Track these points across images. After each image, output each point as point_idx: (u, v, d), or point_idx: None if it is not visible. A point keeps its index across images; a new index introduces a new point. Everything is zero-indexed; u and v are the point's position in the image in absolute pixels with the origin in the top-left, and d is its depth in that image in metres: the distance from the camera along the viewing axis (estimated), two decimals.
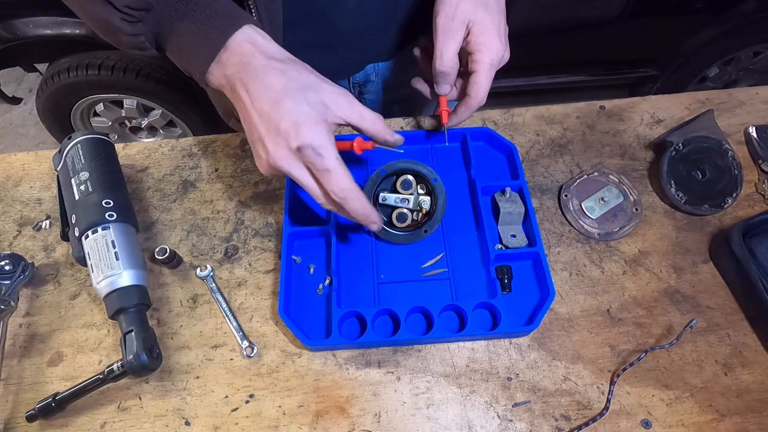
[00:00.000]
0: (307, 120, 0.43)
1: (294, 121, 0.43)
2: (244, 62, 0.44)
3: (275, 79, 0.44)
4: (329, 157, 0.43)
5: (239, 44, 0.44)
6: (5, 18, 1.34)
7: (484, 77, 0.53)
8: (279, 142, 0.44)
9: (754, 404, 0.52)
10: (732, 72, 1.73)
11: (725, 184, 0.63)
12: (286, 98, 0.43)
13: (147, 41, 0.46)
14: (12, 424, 0.52)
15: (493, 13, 0.53)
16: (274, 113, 0.43)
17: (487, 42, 0.52)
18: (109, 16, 0.43)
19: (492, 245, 0.59)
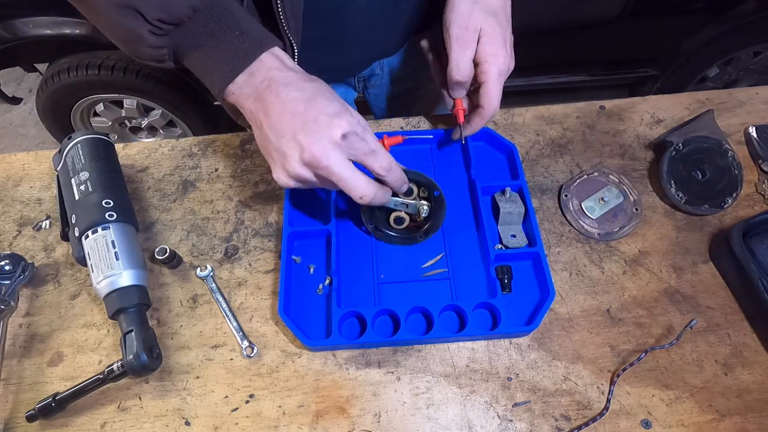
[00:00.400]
0: (343, 112, 0.45)
1: (333, 112, 0.44)
2: (272, 74, 0.46)
3: (307, 84, 0.46)
4: (372, 139, 0.46)
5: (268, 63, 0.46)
6: (5, 18, 1.34)
7: (494, 87, 0.54)
8: (319, 133, 0.44)
9: (754, 404, 0.52)
10: (732, 72, 1.73)
11: (725, 184, 0.63)
12: (320, 96, 0.45)
13: (167, 54, 0.47)
14: (12, 424, 0.52)
15: (501, 24, 0.54)
16: (311, 109, 0.44)
17: (494, 53, 0.53)
18: (138, 28, 0.43)
19: (492, 245, 0.59)
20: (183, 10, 0.43)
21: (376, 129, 0.73)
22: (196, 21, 0.45)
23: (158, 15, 0.43)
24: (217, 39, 0.46)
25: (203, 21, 0.45)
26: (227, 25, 0.45)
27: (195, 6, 0.44)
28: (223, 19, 0.45)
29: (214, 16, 0.45)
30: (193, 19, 0.45)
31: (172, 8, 0.43)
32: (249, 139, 0.73)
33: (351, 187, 0.46)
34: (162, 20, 0.43)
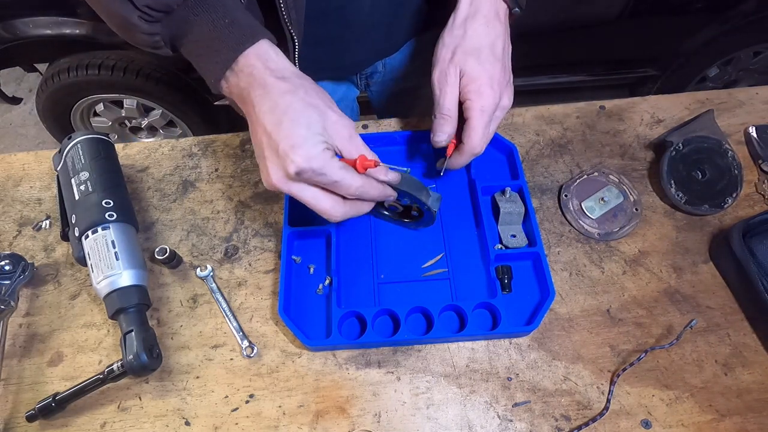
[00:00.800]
0: (305, 142, 0.43)
1: (291, 144, 0.43)
2: (255, 76, 0.44)
3: (281, 99, 0.44)
4: (333, 172, 0.44)
5: (252, 59, 0.45)
6: (5, 18, 1.34)
7: (477, 123, 0.53)
8: (278, 164, 0.44)
9: (754, 404, 0.52)
10: (732, 72, 1.73)
11: (725, 184, 0.63)
12: (286, 119, 0.43)
13: (162, 41, 0.47)
14: (12, 424, 0.52)
15: (484, 63, 0.53)
16: (275, 133, 0.43)
17: (476, 90, 0.53)
18: (128, 14, 0.43)
19: (492, 245, 0.59)
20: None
21: (376, 129, 0.73)
22: (185, 8, 0.44)
23: (146, 1, 0.42)
24: (207, 27, 0.45)
25: (193, 8, 0.44)
26: (217, 13, 0.44)
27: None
28: (213, 6, 0.44)
29: (204, 3, 0.44)
30: (182, 6, 0.44)
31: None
32: (249, 139, 0.73)
33: (318, 211, 0.47)
34: (150, 6, 0.43)
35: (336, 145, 0.46)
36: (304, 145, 0.43)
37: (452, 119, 0.55)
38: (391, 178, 0.50)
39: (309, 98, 0.45)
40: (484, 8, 0.54)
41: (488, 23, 0.54)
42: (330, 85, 0.82)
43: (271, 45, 0.46)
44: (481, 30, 0.54)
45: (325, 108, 0.45)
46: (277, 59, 0.46)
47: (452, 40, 0.54)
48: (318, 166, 0.43)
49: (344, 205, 0.48)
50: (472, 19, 0.54)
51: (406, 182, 0.53)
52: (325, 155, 0.44)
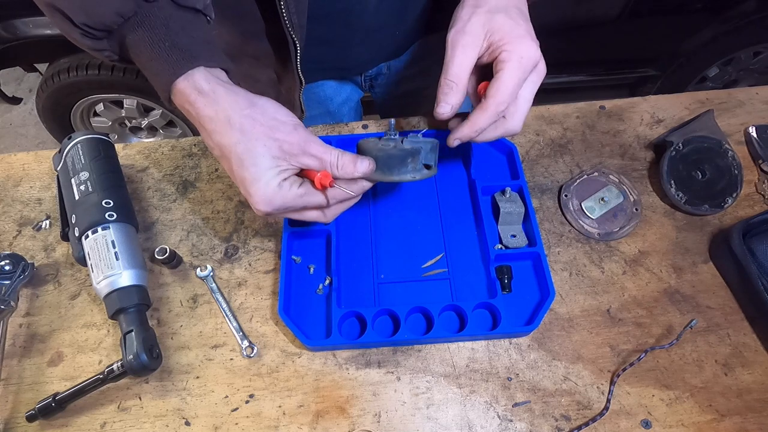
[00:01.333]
0: (258, 186, 0.43)
1: (247, 191, 0.43)
2: (192, 113, 0.44)
3: (221, 143, 0.43)
4: (295, 203, 0.45)
5: (185, 91, 0.43)
6: (5, 18, 1.34)
7: (510, 73, 0.44)
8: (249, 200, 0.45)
9: (754, 404, 0.52)
10: (732, 72, 1.73)
11: (725, 184, 0.63)
12: (234, 166, 0.43)
13: (113, 54, 0.45)
14: (12, 424, 0.52)
15: (515, 18, 0.47)
16: (233, 177, 0.44)
17: (513, 41, 0.45)
18: (70, 31, 0.42)
19: (492, 245, 0.59)
20: (109, 17, 0.41)
21: (377, 129, 0.73)
22: (126, 27, 0.42)
23: (83, 20, 0.41)
24: (147, 49, 0.43)
25: (134, 29, 0.42)
26: (158, 34, 0.42)
27: (123, 13, 0.41)
28: (154, 26, 0.42)
29: (146, 26, 0.42)
30: (123, 26, 0.42)
31: (95, 14, 0.41)
32: None
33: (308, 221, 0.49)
34: (88, 25, 0.41)
35: (292, 164, 0.45)
36: (259, 189, 0.43)
37: (459, 87, 0.47)
38: (362, 171, 0.46)
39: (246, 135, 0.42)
40: None
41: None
42: (334, 86, 0.82)
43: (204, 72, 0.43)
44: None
45: (266, 136, 0.43)
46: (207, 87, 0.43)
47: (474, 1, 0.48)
48: (279, 204, 0.44)
49: (328, 210, 0.48)
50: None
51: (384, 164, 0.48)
52: (282, 190, 0.43)
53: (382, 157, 0.48)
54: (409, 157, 0.48)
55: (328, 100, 0.84)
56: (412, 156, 0.48)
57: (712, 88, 1.71)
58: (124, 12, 0.41)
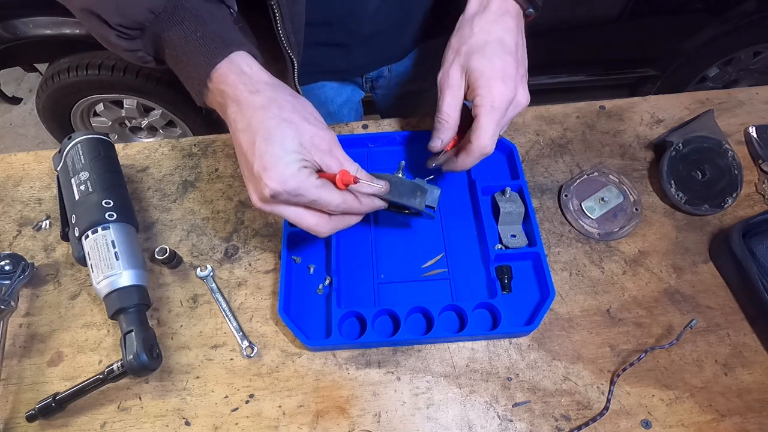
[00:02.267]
0: (278, 163, 0.41)
1: (264, 165, 0.41)
2: (228, 93, 0.43)
3: (254, 117, 0.42)
4: (309, 192, 0.43)
5: (225, 74, 0.43)
6: (5, 18, 1.34)
7: (485, 120, 0.48)
8: (255, 185, 0.43)
9: (754, 404, 0.52)
10: (732, 72, 1.73)
11: (725, 184, 0.63)
12: (259, 138, 0.42)
13: (146, 55, 0.46)
14: (12, 424, 0.52)
15: (491, 57, 0.49)
16: (249, 154, 0.42)
17: (485, 85, 0.49)
18: (106, 33, 0.43)
19: (492, 245, 0.59)
20: (141, 14, 0.42)
21: (377, 129, 0.73)
22: (158, 23, 0.43)
23: (118, 20, 0.41)
24: (180, 42, 0.43)
25: (166, 24, 0.43)
26: (189, 26, 0.43)
27: (154, 9, 0.42)
28: (184, 19, 0.43)
29: (176, 19, 0.43)
30: (155, 21, 0.43)
31: (128, 13, 0.41)
32: None
33: (304, 228, 0.46)
34: (123, 25, 0.42)
35: (315, 160, 0.44)
36: (277, 166, 0.41)
37: (450, 124, 0.52)
38: (377, 189, 0.47)
39: (283, 113, 0.43)
40: (494, 5, 0.51)
41: (497, 19, 0.51)
42: (334, 87, 0.82)
43: (243, 56, 0.44)
44: (489, 26, 0.50)
45: (301, 122, 0.43)
46: (250, 71, 0.44)
47: (458, 40, 0.51)
48: (292, 187, 0.42)
49: (330, 220, 0.47)
50: (479, 16, 0.51)
51: (396, 189, 0.50)
52: (301, 175, 0.42)
53: (395, 182, 0.50)
54: (418, 190, 0.51)
55: (328, 101, 0.84)
56: (420, 191, 0.51)
57: (712, 88, 1.71)
58: (155, 7, 0.42)
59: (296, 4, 0.53)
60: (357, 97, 0.89)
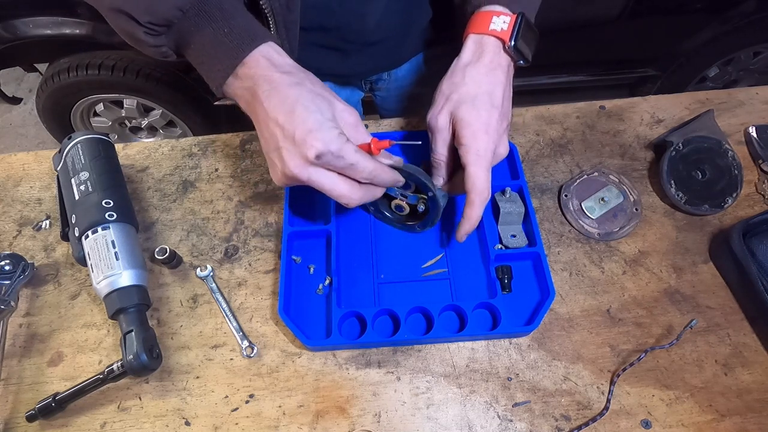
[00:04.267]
0: (321, 127, 0.44)
1: (308, 128, 0.43)
2: (260, 75, 0.45)
3: (290, 90, 0.45)
4: (349, 155, 0.45)
5: (256, 60, 0.45)
6: (5, 18, 1.34)
7: (474, 169, 0.51)
8: (294, 151, 0.44)
9: (754, 404, 0.52)
10: (732, 72, 1.73)
11: (725, 184, 0.63)
12: (299, 106, 0.44)
13: (169, 50, 0.48)
14: (12, 424, 0.52)
15: (479, 109, 0.51)
16: (289, 123, 0.44)
17: (470, 135, 0.51)
18: (134, 30, 0.45)
19: (492, 245, 0.59)
20: (170, 11, 0.44)
21: (376, 129, 0.73)
22: (186, 20, 0.45)
23: (147, 18, 0.44)
24: (207, 37, 0.46)
25: (193, 20, 0.45)
26: (216, 22, 0.45)
27: (182, 6, 0.44)
28: (212, 16, 0.45)
29: (203, 14, 0.45)
30: (183, 18, 0.45)
31: (158, 11, 0.44)
32: (249, 139, 0.73)
33: (334, 196, 0.48)
34: (152, 22, 0.44)
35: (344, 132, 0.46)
36: (321, 129, 0.44)
37: (444, 162, 0.56)
38: (395, 160, 0.52)
39: (316, 89, 0.46)
40: (487, 57, 0.53)
41: (489, 72, 0.53)
42: (333, 87, 0.83)
43: (272, 45, 0.47)
44: (480, 78, 0.52)
45: (331, 97, 0.47)
46: (279, 58, 0.47)
47: (449, 86, 0.53)
48: (336, 148, 0.44)
49: (360, 189, 0.48)
50: (472, 66, 0.53)
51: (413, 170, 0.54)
52: (341, 139, 0.45)
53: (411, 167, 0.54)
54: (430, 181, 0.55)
55: None
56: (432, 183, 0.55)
57: (712, 88, 1.71)
58: (182, 5, 0.44)
59: (291, 12, 0.54)
60: (356, 97, 0.89)
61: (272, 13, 0.52)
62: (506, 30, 0.53)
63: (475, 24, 0.54)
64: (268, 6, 0.51)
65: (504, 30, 0.53)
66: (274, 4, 0.52)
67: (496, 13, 0.53)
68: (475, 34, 0.53)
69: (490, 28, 0.53)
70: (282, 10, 0.53)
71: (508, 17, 0.53)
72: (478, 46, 0.53)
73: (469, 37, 0.54)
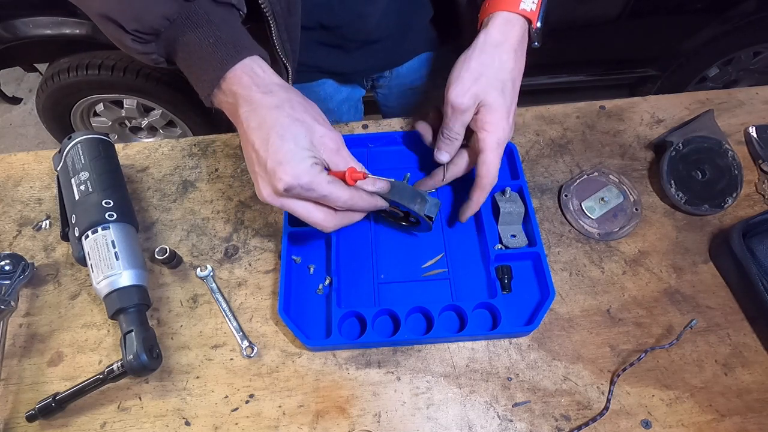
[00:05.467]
0: (292, 159, 0.43)
1: (278, 160, 0.43)
2: (240, 94, 0.45)
3: (267, 115, 0.44)
4: (321, 187, 0.44)
5: (238, 77, 0.45)
6: (5, 18, 1.34)
7: (492, 156, 0.52)
8: (267, 180, 0.44)
9: (754, 404, 0.52)
10: (732, 72, 1.73)
11: (725, 184, 0.63)
12: (274, 134, 0.43)
13: (160, 57, 0.48)
14: (12, 424, 0.52)
15: (506, 96, 0.52)
16: (263, 150, 0.44)
17: (494, 122, 0.52)
18: (121, 37, 0.45)
19: (492, 245, 0.59)
20: (157, 21, 0.44)
21: (376, 129, 0.73)
22: (173, 29, 0.45)
23: (134, 26, 0.43)
24: (194, 47, 0.45)
25: (180, 30, 0.45)
26: (202, 33, 0.45)
27: (170, 16, 0.44)
28: (199, 26, 0.45)
29: (190, 24, 0.45)
30: (170, 27, 0.45)
31: (145, 20, 0.43)
32: None
33: (311, 223, 0.48)
34: (139, 30, 0.44)
35: (324, 159, 0.46)
36: (292, 162, 0.43)
37: (457, 142, 0.56)
38: (380, 187, 0.50)
39: (295, 113, 0.45)
40: (513, 38, 0.53)
41: (517, 57, 0.53)
42: (334, 84, 0.83)
43: (256, 60, 0.46)
44: (510, 63, 0.52)
45: (312, 122, 0.45)
46: (263, 74, 0.46)
47: (479, 65, 0.52)
48: (306, 182, 0.43)
49: (336, 216, 0.48)
50: (502, 47, 0.52)
51: (397, 192, 0.53)
52: (313, 170, 0.44)
53: (397, 186, 0.53)
54: (418, 197, 0.54)
55: (328, 98, 0.84)
56: (420, 198, 0.54)
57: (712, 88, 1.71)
58: (170, 14, 0.44)
59: (292, 15, 0.54)
60: (357, 95, 0.89)
61: (273, 16, 0.52)
62: (534, 11, 0.53)
63: (504, 1, 0.53)
64: (269, 9, 0.51)
65: (533, 10, 0.53)
66: (275, 8, 0.51)
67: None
68: (506, 11, 0.53)
69: (520, 7, 0.52)
70: (283, 13, 0.53)
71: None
72: (508, 25, 0.53)
73: (499, 15, 0.53)
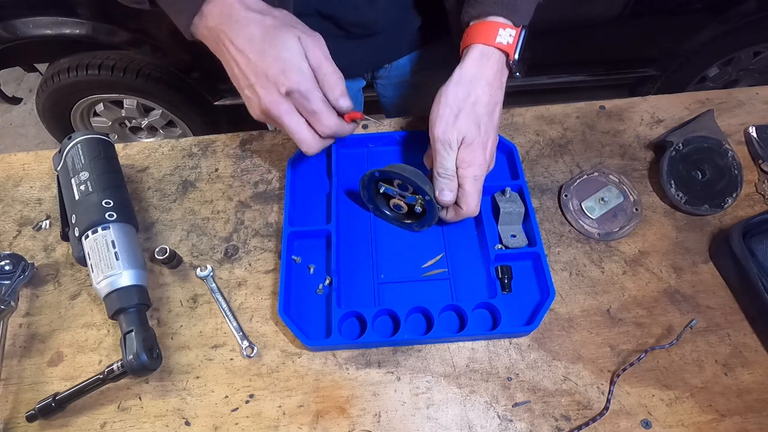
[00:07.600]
0: (292, 66, 0.46)
1: (281, 68, 0.46)
2: (225, 13, 0.47)
3: (256, 29, 0.46)
4: (315, 101, 0.48)
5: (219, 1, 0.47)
6: (5, 18, 1.34)
7: (471, 190, 0.54)
8: (269, 87, 0.47)
9: (754, 404, 0.52)
10: (732, 72, 1.73)
11: (725, 184, 0.63)
12: (269, 45, 0.46)
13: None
14: (12, 424, 0.52)
15: (481, 131, 0.53)
16: (261, 62, 0.46)
17: (470, 159, 0.53)
18: None
19: (492, 245, 0.59)
20: None
21: (376, 129, 0.73)
22: None
23: None
24: None
25: None
26: None
27: None
28: None
29: None
30: None
31: None
32: (249, 139, 0.73)
33: (296, 140, 0.50)
34: None
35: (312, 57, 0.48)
36: (292, 69, 0.46)
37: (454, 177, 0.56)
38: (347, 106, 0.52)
39: (278, 21, 0.47)
40: (488, 72, 0.53)
41: (493, 91, 0.54)
42: None
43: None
44: (484, 97, 0.53)
45: (294, 26, 0.48)
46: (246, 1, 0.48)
47: (456, 100, 0.53)
48: (305, 89, 0.47)
49: (319, 141, 0.51)
50: (475, 82, 0.53)
51: (411, 173, 0.55)
52: (312, 82, 0.47)
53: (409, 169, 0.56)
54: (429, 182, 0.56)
55: None
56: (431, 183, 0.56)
57: (712, 88, 1.71)
58: None
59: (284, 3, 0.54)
60: (358, 86, 0.89)
61: None
62: (511, 44, 0.53)
63: (480, 34, 0.53)
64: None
65: (509, 44, 0.53)
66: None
67: (502, 25, 0.52)
68: (482, 45, 0.53)
69: (496, 40, 0.52)
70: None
71: (513, 30, 0.53)
72: (483, 59, 0.53)
73: (475, 47, 0.53)
